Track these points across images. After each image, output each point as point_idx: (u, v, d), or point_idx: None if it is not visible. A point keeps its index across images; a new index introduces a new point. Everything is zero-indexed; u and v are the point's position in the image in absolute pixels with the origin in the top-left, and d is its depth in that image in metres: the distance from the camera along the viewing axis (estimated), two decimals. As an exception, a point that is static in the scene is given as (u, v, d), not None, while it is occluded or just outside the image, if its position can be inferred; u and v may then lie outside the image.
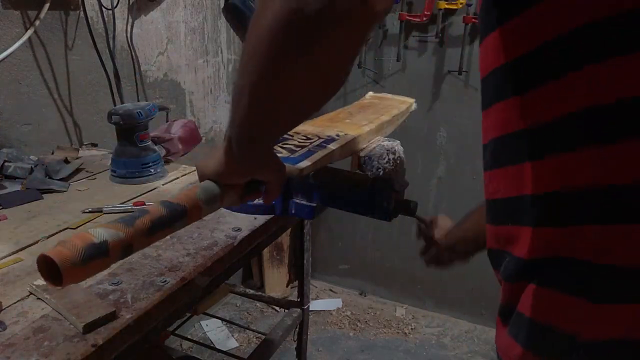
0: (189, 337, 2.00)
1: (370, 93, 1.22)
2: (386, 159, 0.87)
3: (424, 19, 1.92)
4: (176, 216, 0.60)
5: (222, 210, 1.01)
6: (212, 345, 2.05)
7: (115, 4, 1.47)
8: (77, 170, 1.21)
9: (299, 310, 1.45)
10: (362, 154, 0.87)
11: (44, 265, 0.51)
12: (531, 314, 0.48)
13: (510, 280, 0.51)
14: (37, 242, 0.86)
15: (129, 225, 0.56)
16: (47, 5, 1.26)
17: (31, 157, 1.19)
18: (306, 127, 0.95)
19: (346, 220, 2.41)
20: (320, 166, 0.80)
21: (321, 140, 0.88)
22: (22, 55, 1.26)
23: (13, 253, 0.83)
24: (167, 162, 1.29)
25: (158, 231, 0.58)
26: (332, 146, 0.83)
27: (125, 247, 0.55)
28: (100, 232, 0.53)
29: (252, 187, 0.66)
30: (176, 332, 1.67)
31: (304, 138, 0.89)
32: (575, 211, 0.45)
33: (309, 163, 0.76)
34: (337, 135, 0.90)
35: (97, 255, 0.52)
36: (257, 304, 2.37)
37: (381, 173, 0.86)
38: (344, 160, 0.88)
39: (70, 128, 1.44)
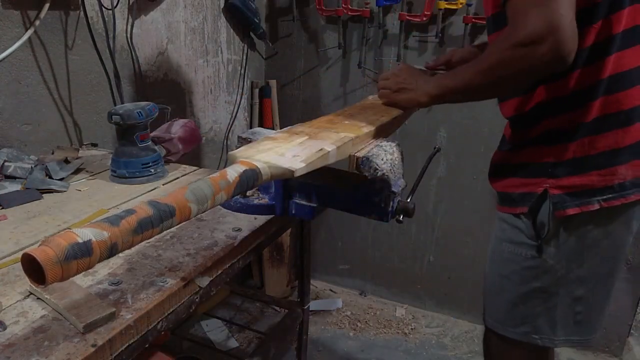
0: (189, 337, 2.00)
1: (372, 96, 1.22)
2: (384, 160, 0.86)
3: (424, 19, 1.92)
4: (164, 217, 0.60)
5: (223, 210, 1.02)
6: (212, 345, 2.05)
7: (115, 4, 1.47)
8: (77, 170, 1.21)
9: (299, 310, 1.45)
10: (360, 154, 0.87)
11: (28, 264, 0.50)
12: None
13: None
14: (37, 242, 0.86)
15: (115, 224, 0.55)
16: (47, 5, 1.26)
17: (31, 157, 1.19)
18: (305, 129, 0.94)
19: (346, 220, 2.41)
20: (315, 167, 0.80)
21: (318, 141, 0.88)
22: (22, 55, 1.26)
23: (13, 253, 0.83)
24: (167, 162, 1.29)
25: (145, 231, 0.58)
26: (328, 148, 0.83)
27: (110, 247, 0.55)
28: (84, 231, 0.53)
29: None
30: (176, 332, 1.67)
31: (301, 140, 0.89)
32: None
33: (303, 165, 0.76)
34: None
35: (81, 255, 0.51)
36: (257, 304, 2.37)
37: (379, 174, 0.86)
38: (343, 161, 0.88)
39: (70, 128, 1.44)
